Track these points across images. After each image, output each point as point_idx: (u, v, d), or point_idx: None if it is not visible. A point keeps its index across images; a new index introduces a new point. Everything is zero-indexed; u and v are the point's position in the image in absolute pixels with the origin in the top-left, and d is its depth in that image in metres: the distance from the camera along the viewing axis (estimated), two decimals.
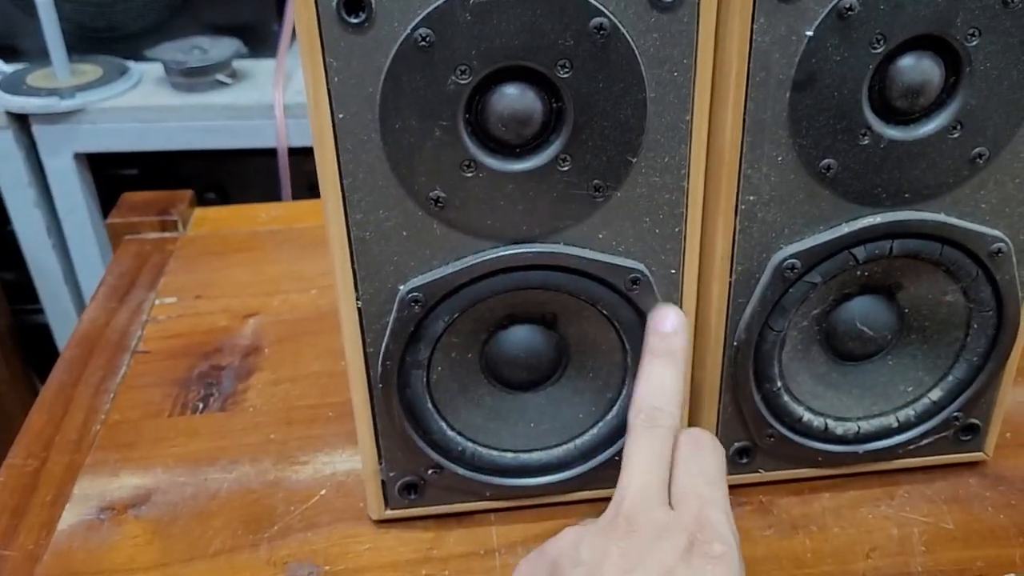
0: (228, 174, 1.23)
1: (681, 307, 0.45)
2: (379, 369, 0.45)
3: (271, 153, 1.13)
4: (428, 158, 0.40)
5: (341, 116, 0.39)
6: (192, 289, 0.73)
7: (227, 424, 0.59)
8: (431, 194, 0.41)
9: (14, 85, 1.12)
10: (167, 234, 0.81)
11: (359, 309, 0.44)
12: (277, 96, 1.12)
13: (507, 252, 0.42)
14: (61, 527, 0.51)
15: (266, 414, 0.59)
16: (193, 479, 0.54)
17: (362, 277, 0.43)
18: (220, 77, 1.14)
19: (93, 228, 1.18)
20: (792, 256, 0.44)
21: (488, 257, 0.42)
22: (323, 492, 0.53)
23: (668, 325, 0.44)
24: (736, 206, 0.43)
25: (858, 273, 0.46)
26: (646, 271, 0.44)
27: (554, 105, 0.40)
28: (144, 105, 1.12)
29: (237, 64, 1.18)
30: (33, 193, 1.15)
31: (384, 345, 0.44)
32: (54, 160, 1.14)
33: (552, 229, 0.42)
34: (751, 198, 0.43)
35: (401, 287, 0.43)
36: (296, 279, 0.73)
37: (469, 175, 0.41)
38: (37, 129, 1.12)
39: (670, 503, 0.39)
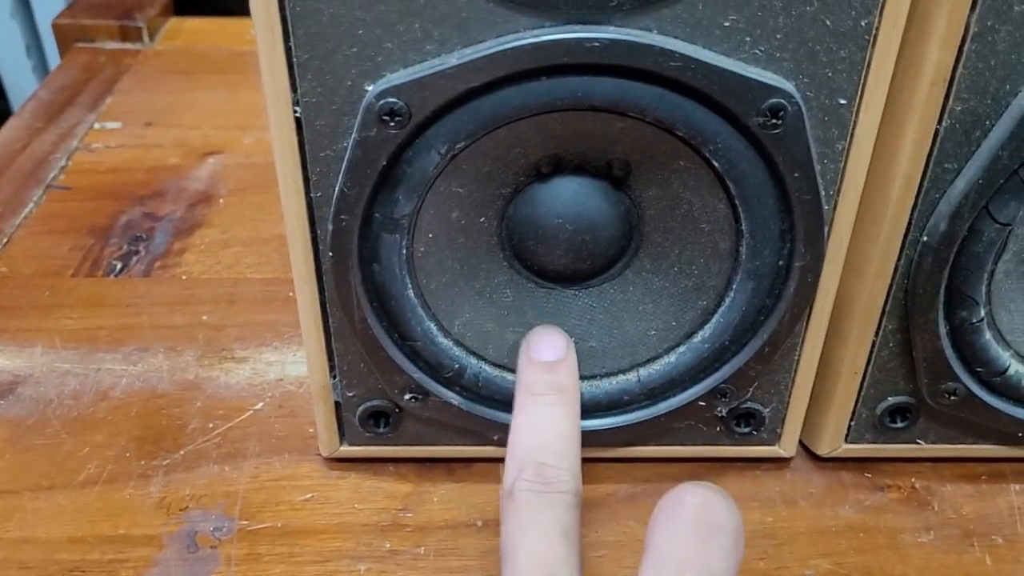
0: None
1: (845, 162, 0.27)
2: (329, 228, 0.27)
3: None
4: None
5: None
6: (144, 114, 0.56)
7: (148, 294, 0.42)
8: None
9: None
10: (128, 44, 0.63)
11: (297, 119, 0.26)
12: None
13: (561, 36, 0.24)
14: None
15: (203, 286, 0.43)
16: (81, 367, 0.38)
17: (302, 61, 0.25)
18: None
19: None
20: None
21: (525, 42, 0.24)
22: (259, 406, 0.36)
23: (549, 351, 0.29)
24: None
25: None
26: (797, 93, 0.25)
27: None
28: None
29: None
30: (8, 1, 0.97)
31: (338, 187, 0.26)
32: None
33: (643, 2, 0.24)
34: None
35: (369, 86, 0.25)
36: None
37: None
38: None
39: None
